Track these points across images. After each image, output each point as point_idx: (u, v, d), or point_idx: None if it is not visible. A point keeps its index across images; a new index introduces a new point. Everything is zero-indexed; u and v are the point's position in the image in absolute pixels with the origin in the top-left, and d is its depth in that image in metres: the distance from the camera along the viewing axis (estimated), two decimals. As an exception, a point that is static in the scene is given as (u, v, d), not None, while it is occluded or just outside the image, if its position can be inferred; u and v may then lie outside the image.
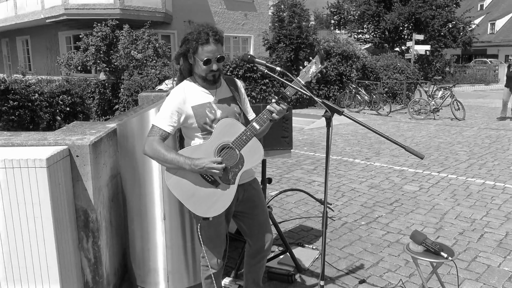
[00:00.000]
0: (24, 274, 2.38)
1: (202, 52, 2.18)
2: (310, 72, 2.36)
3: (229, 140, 2.21)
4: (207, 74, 2.24)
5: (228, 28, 18.78)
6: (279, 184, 5.70)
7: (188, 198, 2.23)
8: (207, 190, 2.23)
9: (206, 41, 2.17)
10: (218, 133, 2.23)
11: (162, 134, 2.23)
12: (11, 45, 20.10)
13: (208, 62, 2.19)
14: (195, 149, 2.25)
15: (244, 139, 2.21)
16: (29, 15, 15.80)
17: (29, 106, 9.55)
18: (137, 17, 14.31)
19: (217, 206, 2.24)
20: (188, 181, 2.22)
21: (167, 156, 2.16)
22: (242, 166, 2.24)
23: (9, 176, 2.27)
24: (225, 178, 2.23)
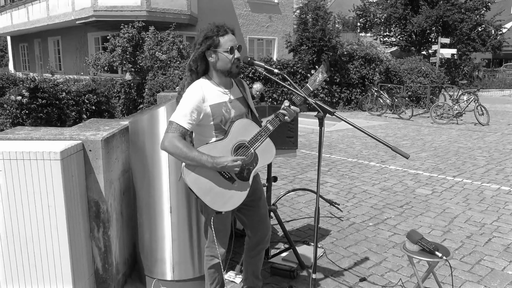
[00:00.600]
0: (38, 259, 2.57)
1: (225, 42, 2.31)
2: (317, 81, 2.48)
3: (245, 140, 2.35)
4: (232, 65, 2.34)
5: (252, 31, 18.97)
6: (292, 184, 5.79)
7: (206, 193, 2.34)
8: (223, 186, 2.35)
9: (225, 32, 2.33)
10: (235, 132, 2.35)
11: (181, 131, 2.29)
12: (43, 45, 20.83)
13: (232, 50, 2.32)
14: (213, 147, 2.34)
15: (259, 139, 2.35)
16: (60, 17, 16.37)
17: (57, 104, 9.94)
18: (162, 19, 14.63)
19: (232, 201, 2.37)
20: (206, 177, 2.32)
21: (189, 154, 2.24)
22: (256, 164, 2.40)
23: (26, 167, 2.46)
24: (241, 175, 2.37)
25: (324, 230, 4.24)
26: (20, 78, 10.02)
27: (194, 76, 2.46)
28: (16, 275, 2.60)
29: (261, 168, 2.49)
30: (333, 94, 15.08)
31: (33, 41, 21.77)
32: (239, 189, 2.37)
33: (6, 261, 2.58)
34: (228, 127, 2.39)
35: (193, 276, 3.06)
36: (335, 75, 14.97)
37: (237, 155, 2.34)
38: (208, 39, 2.34)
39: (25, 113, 9.49)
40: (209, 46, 2.33)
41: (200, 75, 2.45)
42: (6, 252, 2.56)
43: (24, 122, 9.45)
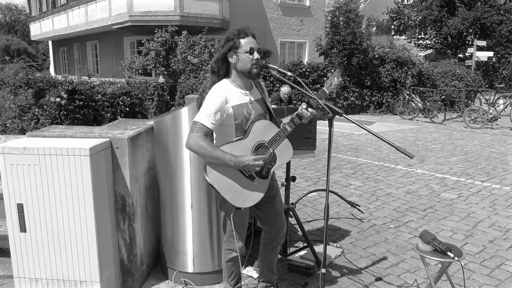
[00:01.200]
0: (68, 247, 2.77)
1: (245, 44, 2.44)
2: (333, 84, 2.57)
3: (265, 140, 2.47)
4: (252, 66, 2.45)
5: (283, 34, 19.09)
6: (316, 185, 5.85)
7: (227, 190, 2.46)
8: (244, 184, 2.48)
9: (246, 34, 2.47)
10: (256, 132, 2.47)
11: (205, 130, 2.41)
12: (82, 49, 21.67)
13: (252, 51, 2.44)
14: (235, 146, 2.46)
15: (277, 140, 2.48)
16: (98, 22, 17.02)
17: (93, 106, 10.37)
18: (195, 23, 14.96)
19: (252, 198, 2.50)
20: (228, 175, 2.44)
21: (213, 153, 2.36)
22: (274, 163, 2.53)
23: (59, 162, 2.67)
24: (260, 174, 2.50)
25: (344, 231, 4.29)
26: (59, 81, 10.49)
27: (215, 78, 2.58)
28: (48, 262, 2.81)
29: (278, 166, 2.60)
30: (364, 98, 14.98)
31: (72, 45, 22.67)
32: (259, 187, 2.50)
33: (40, 248, 2.79)
34: (248, 128, 2.51)
35: (212, 269, 3.19)
36: (366, 78, 14.87)
37: (257, 154, 2.46)
38: (229, 41, 2.48)
39: (63, 114, 9.95)
40: (230, 48, 2.47)
41: (221, 77, 2.57)
42: (39, 240, 2.78)
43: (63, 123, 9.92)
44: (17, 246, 2.83)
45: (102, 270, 2.82)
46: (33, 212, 2.75)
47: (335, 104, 14.67)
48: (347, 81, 14.67)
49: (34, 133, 3.01)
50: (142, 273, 3.21)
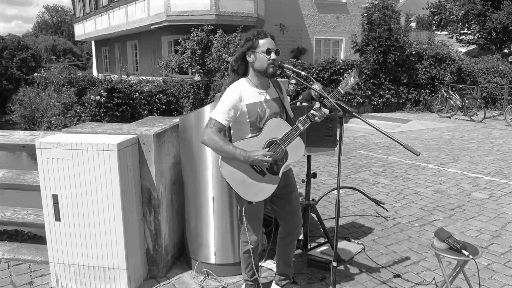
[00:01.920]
0: (98, 236, 2.97)
1: (263, 44, 2.55)
2: (349, 84, 2.63)
3: (277, 137, 2.57)
4: (268, 66, 2.55)
5: (319, 31, 19.00)
6: (343, 183, 5.87)
7: (239, 184, 2.60)
8: (255, 179, 2.60)
9: (264, 35, 2.58)
10: (268, 130, 2.58)
11: (219, 126, 2.56)
12: (122, 49, 22.39)
13: (269, 51, 2.54)
14: (247, 142, 2.59)
15: (290, 137, 2.56)
16: (137, 22, 17.55)
17: (131, 103, 10.79)
18: (230, 22, 15.16)
19: (263, 193, 2.61)
20: (240, 170, 2.58)
21: (225, 147, 2.51)
22: (286, 160, 2.61)
23: (89, 157, 2.87)
24: (271, 170, 2.60)
25: (367, 228, 4.32)
26: (99, 80, 10.98)
27: (235, 76, 2.71)
28: (79, 249, 3.03)
29: (292, 164, 2.69)
30: (400, 95, 14.72)
31: (113, 45, 23.46)
32: (269, 182, 2.60)
33: (72, 236, 3.01)
34: (262, 125, 2.62)
35: (233, 261, 3.32)
36: (402, 75, 14.59)
37: (269, 151, 2.56)
38: (248, 41, 2.60)
39: (103, 111, 10.42)
40: (249, 48, 2.58)
41: (241, 76, 2.70)
42: (72, 228, 3.00)
43: (102, 119, 10.38)
44: (52, 234, 3.06)
45: (128, 258, 3.01)
46: (66, 202, 2.98)
47: (370, 102, 14.51)
48: (382, 79, 14.46)
49: (68, 129, 3.24)
50: (166, 262, 3.38)
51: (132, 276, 3.08)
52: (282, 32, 17.93)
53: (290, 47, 18.11)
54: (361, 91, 14.20)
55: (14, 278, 3.31)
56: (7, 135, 3.49)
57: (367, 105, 14.56)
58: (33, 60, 32.43)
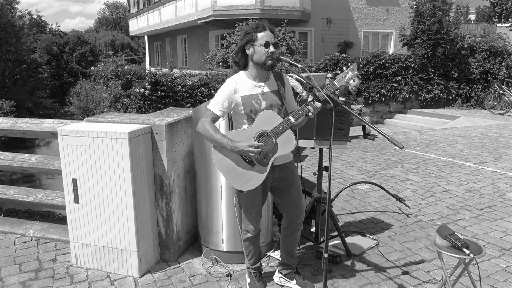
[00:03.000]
0: (112, 218, 3.17)
1: (261, 37, 2.60)
2: (346, 78, 2.62)
3: (268, 129, 2.62)
4: (267, 58, 2.60)
5: (367, 25, 18.57)
6: (371, 179, 5.79)
7: (228, 172, 2.71)
8: (244, 169, 2.68)
9: (263, 28, 2.64)
10: (260, 121, 2.64)
11: (213, 116, 2.69)
12: (173, 43, 23.04)
13: (268, 44, 2.59)
14: (238, 133, 2.70)
15: (280, 130, 2.60)
16: (186, 17, 18.00)
17: (173, 96, 11.12)
18: (275, 16, 15.19)
19: (250, 183, 2.68)
20: (230, 159, 2.68)
21: (214, 136, 2.63)
22: (275, 152, 2.64)
23: (104, 144, 3.06)
24: (260, 161, 2.66)
25: (386, 224, 4.26)
26: (144, 73, 11.40)
27: (236, 68, 2.80)
28: (96, 231, 3.24)
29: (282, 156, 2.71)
30: (450, 90, 14.12)
31: (165, 40, 24.19)
32: (258, 173, 2.65)
33: (90, 218, 3.23)
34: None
35: (241, 249, 3.38)
36: (453, 70, 13.98)
37: (259, 142, 2.61)
38: (247, 34, 2.66)
39: (147, 104, 10.83)
40: (248, 41, 2.65)
41: (242, 68, 2.77)
42: (89, 211, 3.22)
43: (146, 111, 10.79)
44: (72, 215, 3.30)
45: (139, 241, 3.19)
46: (84, 186, 3.19)
47: (417, 97, 14.04)
48: (431, 73, 13.92)
49: (90, 119, 3.46)
50: (179, 247, 3.53)
51: (143, 258, 3.26)
52: (328, 25, 17.71)
53: (336, 41, 17.86)
54: (407, 86, 13.77)
55: (41, 254, 3.60)
56: (39, 123, 3.77)
57: (413, 101, 14.09)
58: (91, 54, 34.17)
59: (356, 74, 2.62)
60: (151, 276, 3.25)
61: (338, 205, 4.77)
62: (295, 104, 2.93)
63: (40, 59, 32.46)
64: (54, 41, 34.78)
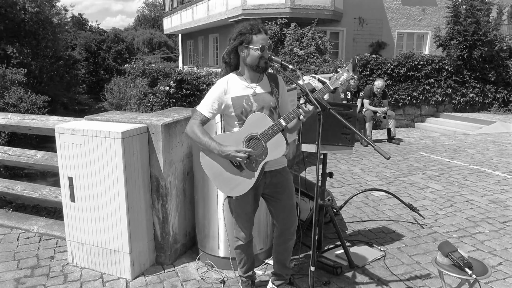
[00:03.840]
0: (105, 218, 3.13)
1: (256, 40, 2.48)
2: (340, 79, 2.47)
3: (257, 132, 2.49)
4: (260, 61, 2.49)
5: (401, 25, 18.03)
6: (390, 185, 5.55)
7: (216, 177, 2.61)
8: (232, 173, 2.57)
9: (259, 31, 2.51)
10: (249, 124, 2.52)
11: (202, 118, 2.60)
12: (205, 42, 23.17)
13: (263, 48, 2.47)
14: (227, 136, 2.59)
15: (270, 133, 2.46)
16: (216, 16, 18.04)
17: (198, 95, 11.12)
18: (306, 15, 14.98)
19: (238, 189, 2.57)
20: (218, 163, 2.58)
21: (202, 139, 2.54)
22: (265, 157, 2.50)
23: (98, 143, 3.02)
24: (249, 165, 2.53)
25: (397, 234, 4.04)
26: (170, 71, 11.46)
27: (228, 69, 2.69)
28: (91, 230, 3.21)
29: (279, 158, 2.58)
30: (486, 94, 13.47)
31: (197, 38, 24.37)
32: (247, 178, 2.53)
33: (85, 217, 3.21)
34: None
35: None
36: (490, 72, 13.33)
37: (248, 146, 2.49)
38: (241, 35, 2.54)
39: (172, 102, 10.88)
40: (242, 42, 2.52)
41: (233, 68, 2.66)
42: (85, 210, 3.19)
43: (171, 110, 10.84)
44: (68, 213, 3.29)
45: (132, 242, 3.13)
46: (80, 185, 3.17)
47: (450, 100, 13.49)
48: (466, 76, 13.34)
49: (90, 117, 3.44)
50: (175, 250, 3.46)
51: (136, 260, 3.20)
52: (361, 25, 17.31)
53: (369, 41, 17.43)
54: (441, 88, 13.24)
55: (40, 251, 3.61)
56: (44, 120, 3.79)
57: (447, 104, 13.54)
58: (127, 52, 34.91)
59: (351, 75, 2.45)
60: (143, 279, 3.20)
61: (349, 212, 4.58)
62: (290, 107, 2.79)
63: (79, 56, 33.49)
64: (93, 39, 35.78)
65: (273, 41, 14.29)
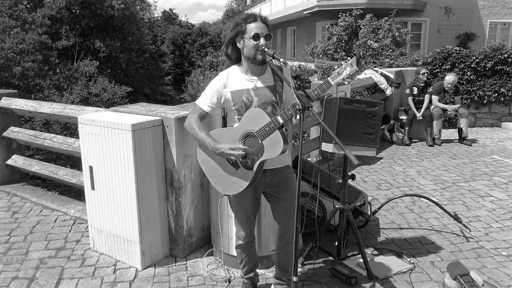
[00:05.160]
0: (119, 206, 3.20)
1: (250, 29, 2.35)
2: (343, 74, 2.24)
3: (254, 129, 2.35)
4: (256, 52, 2.34)
5: (495, 14, 16.38)
6: (443, 191, 5.06)
7: (212, 173, 2.54)
8: (228, 171, 2.47)
9: (254, 19, 2.38)
10: (246, 120, 2.40)
11: (201, 113, 2.52)
12: (283, 34, 23.10)
13: (257, 37, 2.32)
14: (224, 132, 2.50)
15: (267, 131, 2.31)
16: (293, 8, 17.83)
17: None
18: (384, 5, 14.22)
19: (234, 187, 2.47)
20: (214, 160, 2.50)
21: (198, 134, 2.47)
22: (261, 155, 2.36)
23: (112, 134, 3.09)
24: (245, 164, 2.42)
25: (435, 246, 3.66)
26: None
27: (229, 62, 2.58)
28: (108, 218, 3.31)
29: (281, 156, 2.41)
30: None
31: (276, 31, 24.33)
32: (242, 177, 2.41)
33: (103, 205, 3.31)
34: None
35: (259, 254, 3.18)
36: None
37: (244, 143, 2.37)
38: (237, 26, 2.42)
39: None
40: (238, 33, 2.41)
41: (235, 61, 2.54)
42: (103, 198, 3.30)
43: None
44: (89, 201, 3.42)
45: (143, 233, 3.17)
46: (98, 174, 3.27)
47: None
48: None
49: (114, 108, 3.53)
50: (190, 244, 3.45)
51: (147, 251, 3.24)
52: (447, 15, 16.03)
53: (455, 33, 16.09)
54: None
55: (70, 234, 3.81)
56: (80, 110, 3.98)
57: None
58: (210, 45, 35.95)
59: (355, 69, 2.21)
60: (153, 270, 3.23)
61: (388, 218, 4.24)
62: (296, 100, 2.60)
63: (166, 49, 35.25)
64: (181, 32, 37.40)
65: (347, 33, 13.78)
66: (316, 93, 2.24)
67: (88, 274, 3.16)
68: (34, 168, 4.57)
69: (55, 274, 3.15)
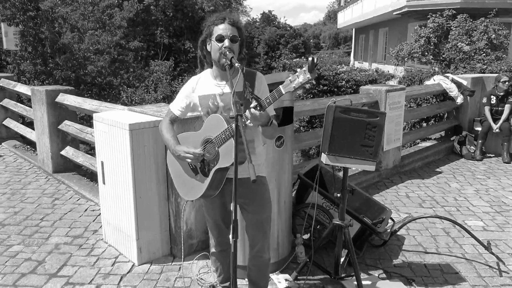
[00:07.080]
0: (121, 201, 3.33)
1: (216, 31, 2.28)
2: (295, 83, 2.07)
3: (212, 136, 2.30)
4: (220, 55, 2.25)
5: None
6: (495, 215, 4.45)
7: (177, 177, 2.54)
8: (188, 176, 2.46)
9: (221, 21, 2.30)
10: (207, 126, 2.36)
11: (171, 116, 2.53)
12: (375, 36, 22.21)
13: (221, 38, 2.24)
14: (188, 136, 2.48)
15: (223, 138, 2.24)
16: (382, 9, 17.05)
17: (335, 91, 10.79)
18: (481, 5, 12.98)
19: (193, 192, 2.44)
20: (180, 163, 2.49)
21: (165, 135, 2.49)
22: (216, 163, 2.30)
23: (115, 133, 3.23)
24: (203, 170, 2.38)
25: (457, 277, 3.24)
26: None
27: (206, 66, 2.53)
28: (114, 213, 3.47)
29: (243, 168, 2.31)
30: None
31: (368, 32, 23.52)
32: (199, 183, 2.37)
33: (112, 199, 3.48)
34: None
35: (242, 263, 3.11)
36: None
37: (205, 149, 2.33)
38: (207, 27, 2.37)
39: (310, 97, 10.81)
40: (206, 36, 2.36)
41: (210, 66, 2.49)
42: (111, 193, 3.46)
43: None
44: (102, 194, 3.61)
45: (139, 230, 3.27)
46: (108, 169, 3.45)
47: None
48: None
49: (131, 108, 3.69)
50: (190, 246, 3.47)
51: (145, 247, 3.33)
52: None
53: None
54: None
55: (92, 224, 4.06)
56: (110, 108, 4.22)
57: None
58: (303, 46, 35.86)
59: (307, 78, 2.02)
60: (148, 266, 3.31)
61: (417, 239, 3.86)
62: (272, 110, 2.47)
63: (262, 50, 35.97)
64: (277, 34, 37.88)
65: (436, 35, 12.80)
66: (268, 101, 2.11)
67: (89, 264, 3.34)
68: (79, 159, 4.95)
69: (62, 260, 3.38)
